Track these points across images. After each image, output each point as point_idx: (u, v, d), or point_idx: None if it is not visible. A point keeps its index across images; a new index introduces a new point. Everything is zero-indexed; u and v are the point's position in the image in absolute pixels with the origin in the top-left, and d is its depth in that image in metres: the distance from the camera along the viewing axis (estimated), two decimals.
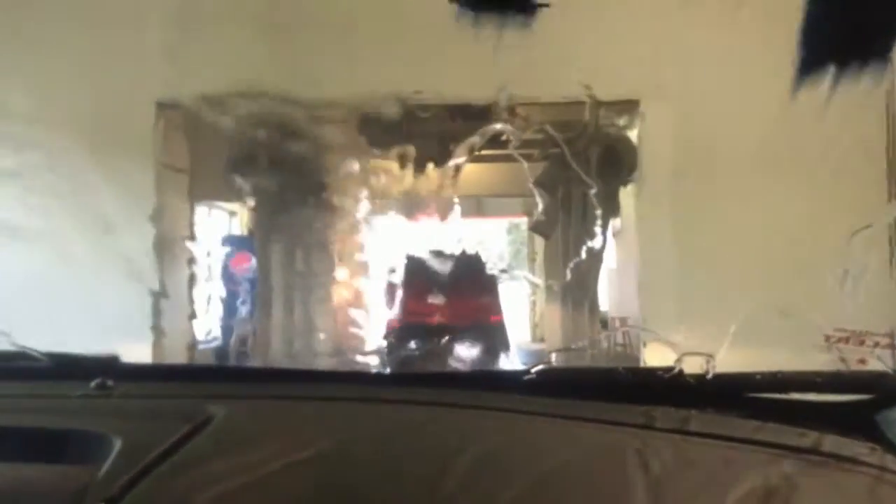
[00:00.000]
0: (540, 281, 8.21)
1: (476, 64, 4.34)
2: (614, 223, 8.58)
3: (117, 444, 1.01)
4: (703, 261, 4.18)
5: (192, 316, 8.00)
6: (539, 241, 10.74)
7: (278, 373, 1.61)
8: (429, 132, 6.90)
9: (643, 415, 1.13)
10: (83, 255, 4.37)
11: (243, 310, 9.88)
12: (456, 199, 7.48)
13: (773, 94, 4.12)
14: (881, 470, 0.99)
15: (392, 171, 8.22)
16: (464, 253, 10.45)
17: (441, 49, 4.43)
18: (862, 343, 3.69)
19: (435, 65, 4.54)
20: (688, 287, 4.13)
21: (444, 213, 8.64)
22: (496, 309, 9.62)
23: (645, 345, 4.28)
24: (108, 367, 1.32)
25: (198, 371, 1.79)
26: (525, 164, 7.42)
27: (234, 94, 4.62)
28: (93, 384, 1.25)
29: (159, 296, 4.62)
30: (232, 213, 10.97)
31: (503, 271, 13.76)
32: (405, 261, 10.16)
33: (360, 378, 1.64)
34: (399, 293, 10.00)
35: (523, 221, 15.18)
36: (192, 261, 9.56)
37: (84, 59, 4.52)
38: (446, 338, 8.67)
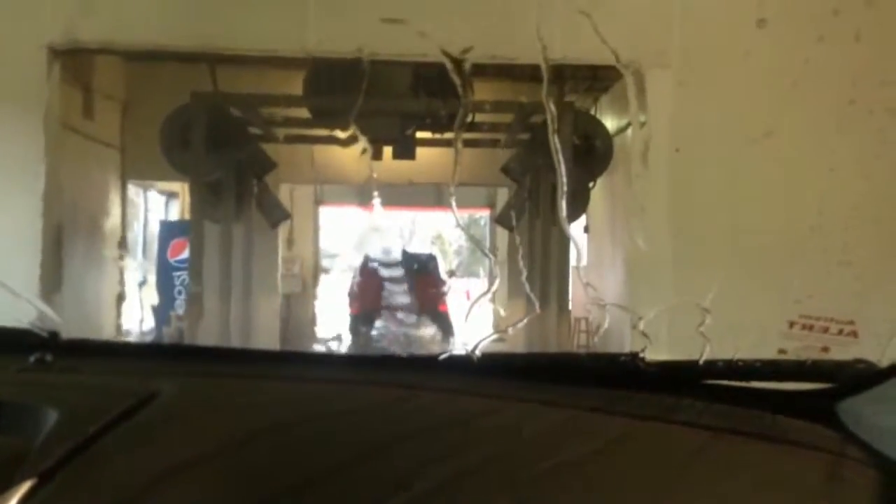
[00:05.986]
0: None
1: (448, 19, 3.67)
2: (584, 218, 8.06)
3: (55, 417, 0.97)
4: (699, 255, 3.63)
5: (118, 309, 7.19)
6: (502, 236, 10.09)
7: (229, 352, 1.53)
8: (385, 109, 6.19)
9: (596, 397, 1.15)
10: None
11: (181, 302, 9.24)
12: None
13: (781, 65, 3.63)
14: (839, 455, 0.97)
15: (343, 153, 7.56)
16: (418, 254, 12.37)
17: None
18: (826, 331, 3.61)
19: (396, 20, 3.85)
20: (680, 283, 3.56)
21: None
22: (443, 301, 11.77)
23: None
24: (47, 342, 1.25)
25: (144, 349, 1.70)
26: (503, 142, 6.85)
27: (157, 45, 3.87)
28: (31, 359, 1.20)
29: (51, 290, 3.88)
30: (170, 196, 10.11)
31: (452, 273, 15.75)
32: (361, 260, 12.05)
33: (312, 359, 1.59)
34: (357, 285, 11.63)
35: (484, 216, 14.54)
36: (122, 246, 8.75)
37: None
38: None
